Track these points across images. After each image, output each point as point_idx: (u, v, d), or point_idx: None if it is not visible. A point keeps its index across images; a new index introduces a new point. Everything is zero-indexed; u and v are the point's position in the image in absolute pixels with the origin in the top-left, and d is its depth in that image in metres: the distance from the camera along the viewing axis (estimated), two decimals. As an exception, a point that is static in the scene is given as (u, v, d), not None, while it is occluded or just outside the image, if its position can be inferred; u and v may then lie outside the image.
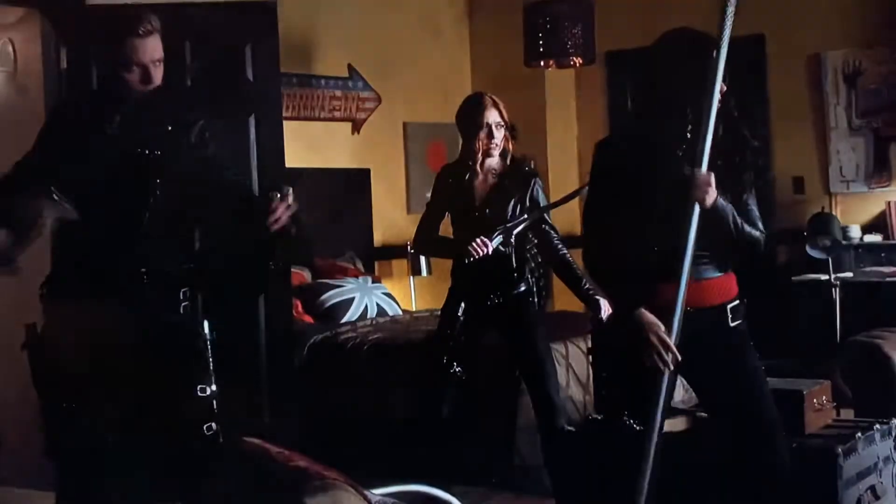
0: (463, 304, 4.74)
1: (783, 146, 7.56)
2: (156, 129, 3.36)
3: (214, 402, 3.40)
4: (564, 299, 6.72)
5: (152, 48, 3.26)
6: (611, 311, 4.82)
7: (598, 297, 4.80)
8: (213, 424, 3.37)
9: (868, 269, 7.06)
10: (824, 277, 6.83)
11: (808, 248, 6.84)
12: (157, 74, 3.29)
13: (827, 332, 6.69)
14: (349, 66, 7.41)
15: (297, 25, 6.61)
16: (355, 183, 7.44)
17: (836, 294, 6.74)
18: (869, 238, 7.18)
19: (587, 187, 4.01)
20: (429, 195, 5.11)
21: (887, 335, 4.60)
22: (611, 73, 7.99)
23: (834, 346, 6.39)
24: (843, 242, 6.94)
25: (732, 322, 3.31)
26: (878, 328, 5.19)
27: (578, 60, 6.60)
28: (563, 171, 8.04)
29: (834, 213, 7.31)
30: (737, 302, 3.34)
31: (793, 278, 7.13)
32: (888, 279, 6.79)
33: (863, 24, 7.25)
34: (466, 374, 4.73)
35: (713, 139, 3.14)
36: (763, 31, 7.48)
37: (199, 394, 3.36)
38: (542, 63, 6.85)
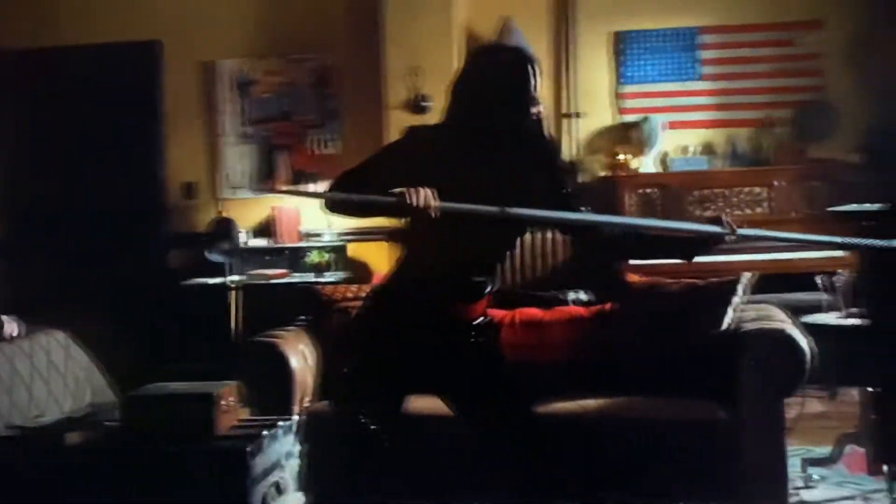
0: None
1: (175, 152, 7.61)
2: None
3: None
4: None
5: None
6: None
7: None
8: None
9: (254, 271, 7.32)
10: (214, 281, 6.99)
11: (206, 253, 6.97)
12: None
13: (224, 334, 6.87)
14: None
15: None
16: None
17: (233, 297, 6.95)
18: (255, 242, 7.43)
19: None
20: None
21: (283, 334, 4.76)
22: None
23: (232, 347, 6.57)
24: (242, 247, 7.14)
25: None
26: (274, 328, 5.36)
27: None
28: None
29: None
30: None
31: (183, 283, 7.20)
32: (273, 280, 7.08)
33: (256, 34, 7.50)
34: None
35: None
36: (160, 37, 7.49)
37: None
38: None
